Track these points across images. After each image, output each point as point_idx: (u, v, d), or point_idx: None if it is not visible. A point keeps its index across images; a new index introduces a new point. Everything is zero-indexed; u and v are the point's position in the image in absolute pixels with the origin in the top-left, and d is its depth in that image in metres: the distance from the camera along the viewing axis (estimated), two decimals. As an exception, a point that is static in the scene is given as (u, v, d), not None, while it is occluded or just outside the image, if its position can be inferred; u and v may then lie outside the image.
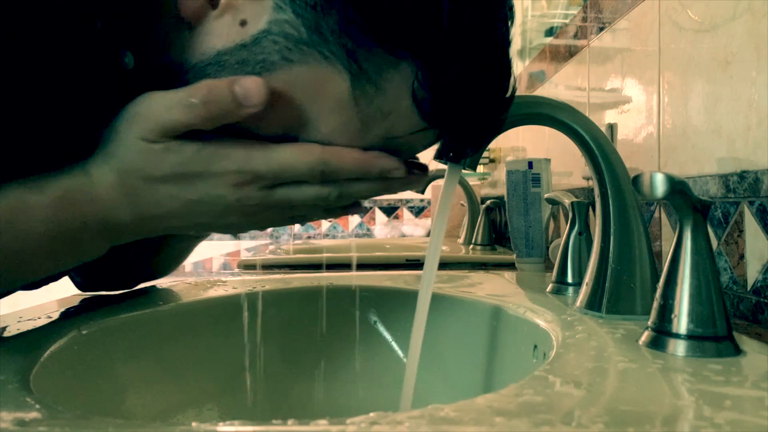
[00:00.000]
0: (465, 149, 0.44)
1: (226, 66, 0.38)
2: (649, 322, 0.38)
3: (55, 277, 0.47)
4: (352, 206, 0.46)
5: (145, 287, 0.65)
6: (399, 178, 0.42)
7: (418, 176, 0.43)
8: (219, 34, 0.38)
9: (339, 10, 0.36)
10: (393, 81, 0.38)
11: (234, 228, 0.44)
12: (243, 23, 0.38)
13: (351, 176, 0.41)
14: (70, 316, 0.50)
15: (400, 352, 0.63)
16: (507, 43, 0.40)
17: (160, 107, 0.38)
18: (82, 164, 0.40)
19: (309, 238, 2.39)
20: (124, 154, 0.39)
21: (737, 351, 0.35)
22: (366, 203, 2.41)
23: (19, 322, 0.48)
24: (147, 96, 0.39)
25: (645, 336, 0.38)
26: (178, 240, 0.60)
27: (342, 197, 0.42)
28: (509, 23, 0.40)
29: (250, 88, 0.37)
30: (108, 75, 0.41)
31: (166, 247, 0.60)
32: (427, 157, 0.49)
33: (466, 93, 0.39)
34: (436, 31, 0.37)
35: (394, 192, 0.44)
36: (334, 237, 2.40)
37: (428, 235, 1.94)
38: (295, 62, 0.37)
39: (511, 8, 0.40)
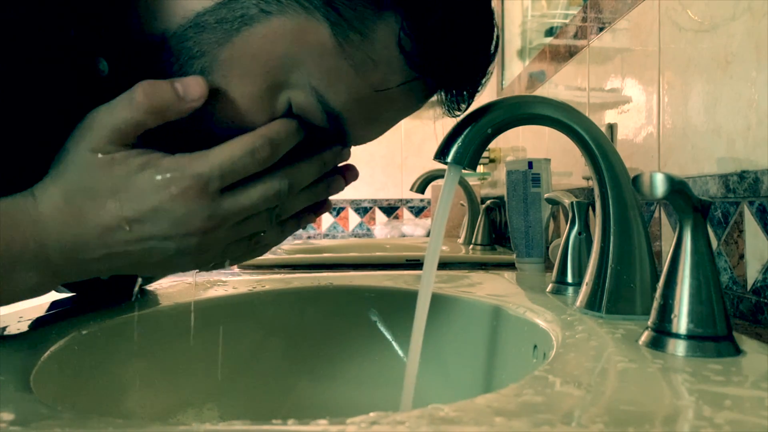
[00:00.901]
0: (456, 99, 0.44)
1: (206, 26, 0.38)
2: (649, 322, 0.38)
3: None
4: (306, 214, 0.46)
5: (145, 288, 0.64)
6: (340, 154, 0.44)
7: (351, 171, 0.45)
8: None
9: None
10: (378, 30, 0.38)
11: (187, 263, 0.41)
12: None
13: (291, 147, 0.40)
14: (70, 316, 0.50)
15: (400, 352, 0.63)
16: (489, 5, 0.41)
17: (105, 113, 0.38)
18: (28, 190, 0.38)
19: (309, 238, 2.39)
20: (71, 171, 0.38)
21: (737, 351, 0.35)
22: (366, 204, 2.42)
23: (19, 322, 0.48)
24: (92, 111, 0.38)
25: (645, 336, 0.38)
26: None
27: (293, 191, 0.41)
28: None
29: (191, 83, 0.38)
30: (85, 84, 0.40)
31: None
32: (427, 157, 0.49)
33: (451, 40, 0.40)
34: None
35: (331, 167, 0.44)
36: (334, 237, 2.40)
37: (428, 235, 1.94)
38: (273, 14, 0.38)
39: None
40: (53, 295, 0.60)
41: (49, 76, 0.39)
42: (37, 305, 0.56)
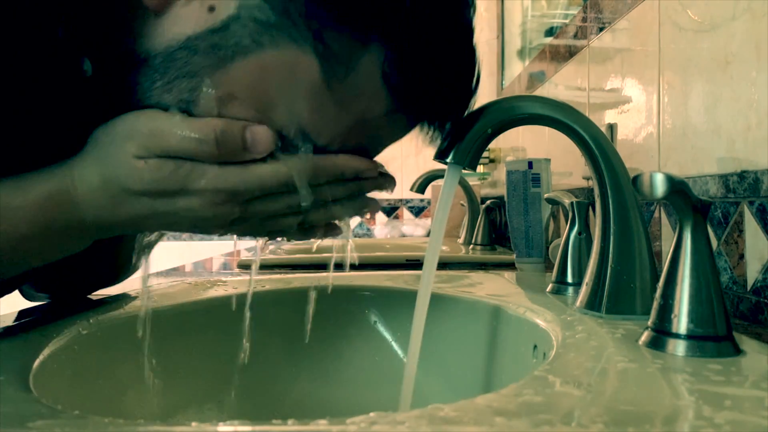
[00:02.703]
0: (438, 131, 0.45)
1: (198, 50, 0.39)
2: (649, 322, 0.38)
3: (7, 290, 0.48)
4: (331, 228, 0.47)
5: (145, 288, 0.64)
6: (371, 179, 0.44)
7: (388, 180, 0.45)
8: (187, 19, 0.39)
9: None
10: (363, 61, 0.39)
11: (212, 231, 0.44)
12: (211, 9, 0.38)
13: (325, 180, 0.42)
14: (70, 316, 0.50)
15: (399, 352, 0.63)
16: (471, 24, 0.42)
17: (167, 131, 0.38)
18: (66, 166, 0.40)
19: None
20: (111, 164, 0.39)
21: (737, 351, 0.35)
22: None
23: (19, 322, 0.48)
24: (149, 115, 0.39)
25: (645, 336, 0.38)
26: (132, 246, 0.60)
27: (318, 206, 0.43)
28: (472, 6, 0.42)
29: (261, 136, 0.38)
30: (69, 83, 0.41)
31: (124, 251, 0.60)
32: (427, 157, 0.49)
33: (433, 74, 0.40)
34: (400, 14, 0.38)
35: (367, 191, 0.45)
36: (334, 237, 2.39)
37: (428, 235, 1.94)
38: (265, 46, 0.38)
39: None
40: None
41: (34, 73, 0.40)
42: (37, 305, 0.56)
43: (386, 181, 0.45)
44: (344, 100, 0.39)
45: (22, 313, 0.52)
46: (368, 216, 0.50)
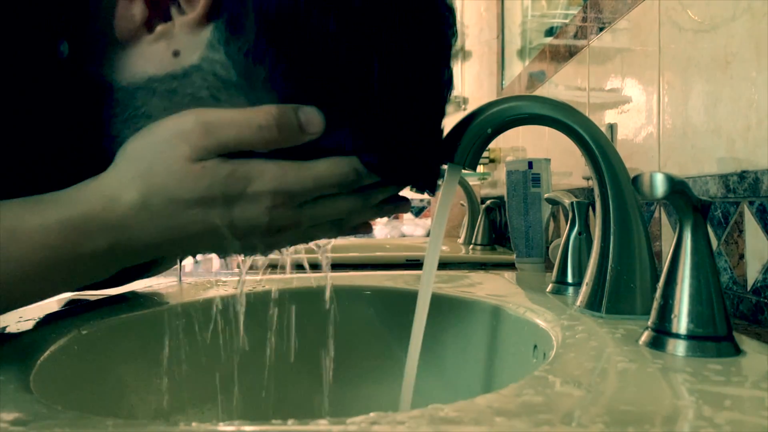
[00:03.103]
0: (420, 189, 0.45)
1: (156, 92, 0.38)
2: (649, 322, 0.38)
3: None
4: (363, 225, 0.46)
5: (145, 288, 0.64)
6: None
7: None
8: (151, 59, 0.38)
9: (269, 67, 0.36)
10: (331, 135, 0.38)
11: (250, 249, 0.42)
12: (176, 53, 0.37)
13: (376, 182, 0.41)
14: (70, 316, 0.50)
15: (400, 352, 0.63)
16: (441, 107, 0.41)
17: (225, 123, 0.36)
18: (91, 187, 0.37)
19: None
20: (157, 175, 0.36)
21: (737, 351, 0.35)
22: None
23: (19, 322, 0.48)
24: (192, 114, 0.37)
25: (645, 336, 0.38)
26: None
27: (365, 208, 0.42)
28: (448, 88, 0.41)
29: (312, 115, 0.37)
30: (45, 64, 0.39)
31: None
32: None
33: (402, 151, 0.40)
34: (367, 97, 0.37)
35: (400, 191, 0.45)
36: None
37: (428, 235, 1.94)
38: (222, 102, 0.37)
39: (450, 68, 0.41)
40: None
41: (9, 54, 0.38)
42: (37, 305, 0.56)
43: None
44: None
45: (22, 314, 0.52)
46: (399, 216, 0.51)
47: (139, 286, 0.64)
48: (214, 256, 0.49)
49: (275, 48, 0.36)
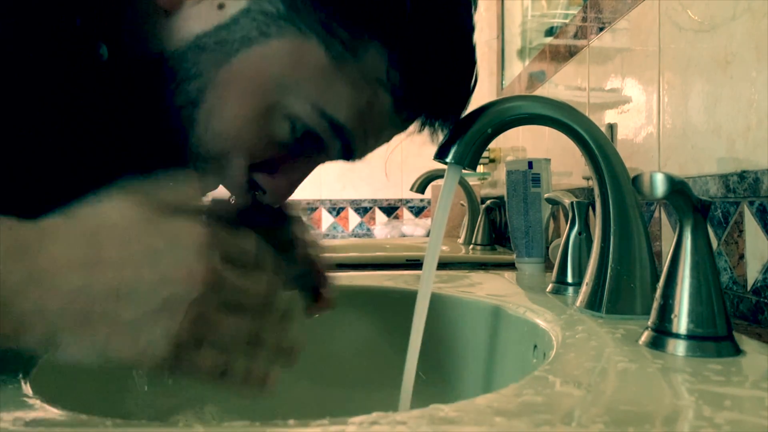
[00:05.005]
0: (442, 130, 0.45)
1: (205, 48, 0.39)
2: (649, 322, 0.38)
3: None
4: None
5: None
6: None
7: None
8: (197, 18, 0.39)
9: None
10: (369, 53, 0.39)
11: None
12: (221, 6, 0.39)
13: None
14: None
15: (399, 352, 0.63)
16: (471, 25, 0.43)
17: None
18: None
19: (309, 238, 2.38)
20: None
21: (737, 351, 0.35)
22: (366, 204, 2.42)
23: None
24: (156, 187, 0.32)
25: (645, 336, 0.38)
26: None
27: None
28: (473, 8, 0.43)
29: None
30: (85, 68, 0.40)
31: None
32: (427, 157, 0.49)
33: (432, 74, 0.41)
34: (401, 16, 0.39)
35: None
36: (334, 237, 2.40)
37: (428, 235, 1.94)
38: (272, 36, 0.39)
39: None
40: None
41: (53, 59, 0.38)
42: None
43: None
44: (354, 81, 0.40)
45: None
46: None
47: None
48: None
49: None
